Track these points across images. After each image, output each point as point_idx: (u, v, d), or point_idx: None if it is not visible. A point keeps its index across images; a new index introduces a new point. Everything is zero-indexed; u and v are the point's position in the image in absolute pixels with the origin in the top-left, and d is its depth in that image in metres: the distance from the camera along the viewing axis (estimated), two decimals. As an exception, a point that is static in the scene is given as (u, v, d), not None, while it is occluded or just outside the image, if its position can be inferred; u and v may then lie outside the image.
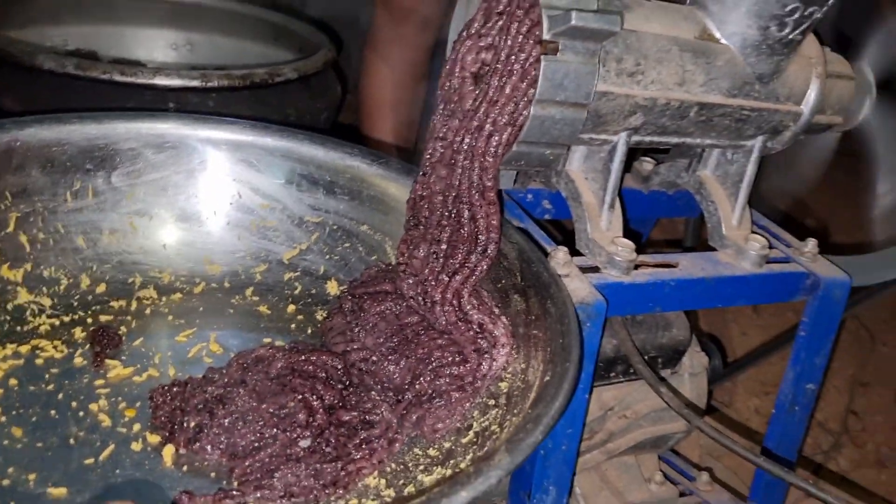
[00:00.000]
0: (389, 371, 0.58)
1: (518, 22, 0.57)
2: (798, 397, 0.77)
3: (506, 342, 0.58)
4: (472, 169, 0.60)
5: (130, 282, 0.67)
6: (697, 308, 0.74)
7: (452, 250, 0.61)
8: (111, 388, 0.56)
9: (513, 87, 0.58)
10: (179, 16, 1.38)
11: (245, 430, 0.50)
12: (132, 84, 0.91)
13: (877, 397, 1.27)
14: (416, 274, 0.62)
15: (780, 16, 0.65)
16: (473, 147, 0.60)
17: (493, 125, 0.59)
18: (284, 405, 0.52)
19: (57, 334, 0.60)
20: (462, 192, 0.61)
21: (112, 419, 0.53)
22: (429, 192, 0.64)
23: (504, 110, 0.58)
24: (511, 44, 0.58)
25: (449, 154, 0.62)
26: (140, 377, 0.58)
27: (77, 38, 1.28)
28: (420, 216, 0.64)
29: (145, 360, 0.60)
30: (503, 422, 0.52)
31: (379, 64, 1.29)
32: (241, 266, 0.71)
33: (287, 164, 0.72)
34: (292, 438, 0.50)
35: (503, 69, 0.58)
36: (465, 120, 0.60)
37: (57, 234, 0.64)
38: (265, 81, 1.00)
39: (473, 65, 0.61)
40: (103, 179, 0.66)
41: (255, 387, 0.53)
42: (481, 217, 0.61)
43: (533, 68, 0.57)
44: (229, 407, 0.51)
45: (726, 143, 0.73)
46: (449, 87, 0.62)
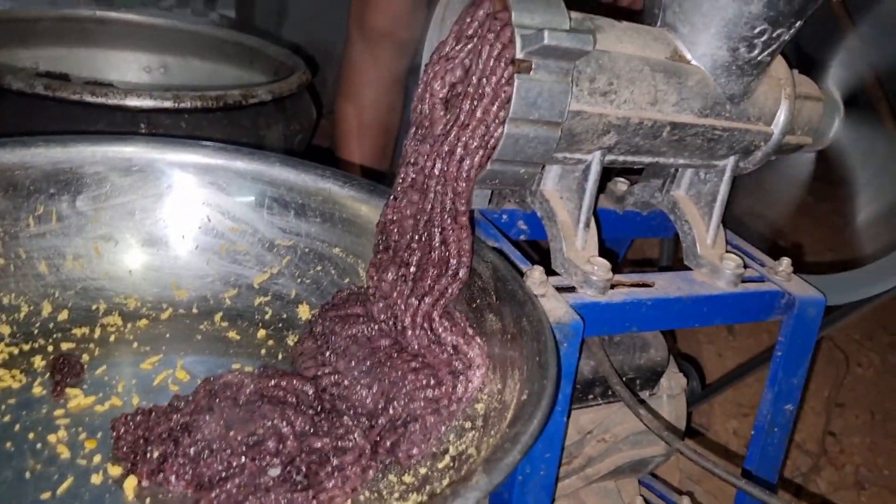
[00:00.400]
0: (362, 395, 0.56)
1: (489, 45, 0.57)
2: (777, 418, 0.77)
3: (481, 363, 0.57)
4: (444, 194, 0.60)
5: (94, 308, 0.65)
6: (674, 328, 0.73)
7: (422, 273, 0.60)
8: (71, 418, 0.54)
9: (483, 110, 0.57)
10: (154, 39, 1.36)
11: (212, 460, 0.48)
12: (102, 105, 0.89)
13: (853, 418, 1.28)
14: (386, 297, 0.60)
15: (748, 37, 0.66)
16: (445, 172, 0.59)
17: (464, 149, 0.58)
18: (253, 432, 0.50)
19: (15, 363, 0.58)
20: (434, 217, 0.60)
21: (71, 451, 0.51)
22: (399, 216, 0.63)
23: (475, 133, 0.58)
24: (482, 67, 0.58)
25: (421, 179, 0.62)
26: (102, 406, 0.56)
27: (49, 61, 1.26)
28: (390, 240, 0.63)
29: (108, 389, 0.57)
30: (480, 445, 0.51)
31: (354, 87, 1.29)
32: (209, 291, 0.70)
33: (257, 187, 0.71)
34: (261, 467, 0.48)
35: (474, 92, 0.58)
36: (436, 145, 0.60)
37: (18, 260, 0.62)
38: (239, 103, 0.98)
39: (443, 89, 0.61)
40: (68, 204, 0.64)
41: (222, 414, 0.51)
42: (453, 241, 0.60)
43: (503, 91, 0.57)
44: (195, 435, 0.49)
45: (699, 163, 0.74)
46: (420, 112, 0.62)
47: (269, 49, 1.31)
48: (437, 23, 0.66)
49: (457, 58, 0.61)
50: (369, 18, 1.26)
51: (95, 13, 1.33)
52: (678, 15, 0.67)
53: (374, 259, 0.63)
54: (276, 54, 1.29)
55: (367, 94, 1.28)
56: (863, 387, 1.38)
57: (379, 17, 1.25)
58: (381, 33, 1.25)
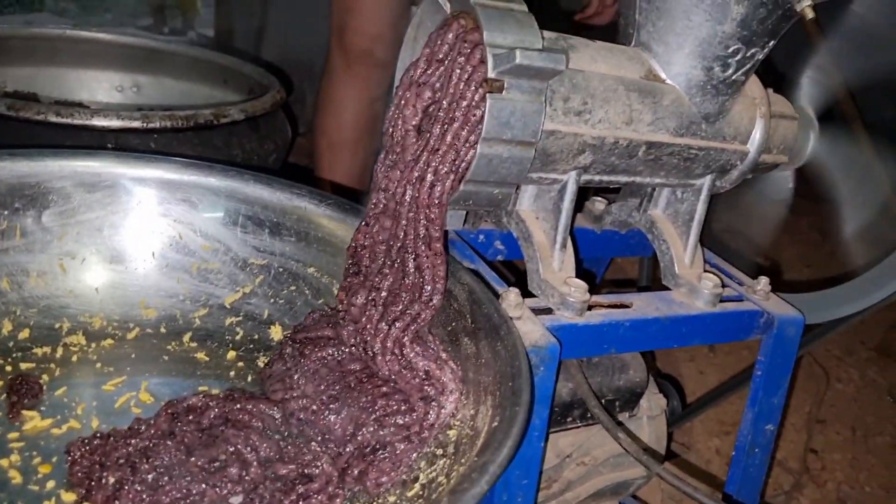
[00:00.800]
0: (330, 421, 0.55)
1: (459, 69, 0.57)
2: (757, 439, 0.76)
3: (454, 388, 0.56)
4: (417, 220, 0.59)
5: (57, 327, 0.63)
6: (653, 348, 0.73)
7: (393, 298, 0.59)
8: (26, 441, 0.52)
9: (453, 134, 0.57)
10: (126, 58, 1.36)
11: (170, 487, 0.46)
12: (69, 125, 0.88)
13: (834, 435, 1.28)
14: (355, 322, 0.59)
15: (723, 57, 0.66)
16: (417, 199, 0.59)
17: (434, 175, 0.58)
18: (215, 458, 0.48)
19: (-30, 383, 0.56)
20: (408, 243, 0.60)
21: (24, 476, 0.49)
22: (371, 241, 0.63)
23: (445, 159, 0.57)
24: (452, 91, 0.57)
25: (392, 205, 0.61)
26: (59, 429, 0.54)
27: (18, 80, 1.25)
28: (361, 264, 0.62)
29: (66, 411, 0.56)
30: (451, 473, 0.50)
31: (334, 104, 1.29)
32: (179, 310, 0.68)
33: (231, 205, 0.70)
34: (222, 495, 0.47)
35: (445, 117, 0.57)
36: (406, 171, 0.59)
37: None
38: (210, 122, 0.97)
39: (414, 117, 0.61)
40: (33, 219, 0.63)
41: (183, 438, 0.49)
42: (427, 267, 0.59)
43: (473, 115, 0.56)
44: (154, 461, 0.47)
45: (675, 182, 0.73)
46: (392, 137, 0.61)
47: (244, 67, 1.31)
48: (409, 42, 0.66)
49: (427, 83, 0.61)
50: (349, 36, 1.26)
51: (66, 32, 1.32)
52: (652, 34, 0.67)
53: (345, 283, 0.62)
54: (250, 73, 1.29)
55: (347, 111, 1.28)
56: (843, 403, 1.37)
57: (359, 36, 1.25)
58: (361, 51, 1.26)
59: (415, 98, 0.61)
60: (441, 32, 0.60)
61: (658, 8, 0.65)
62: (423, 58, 0.61)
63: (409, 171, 0.59)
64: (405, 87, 0.61)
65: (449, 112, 0.57)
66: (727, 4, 0.62)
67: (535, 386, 0.59)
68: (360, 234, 0.63)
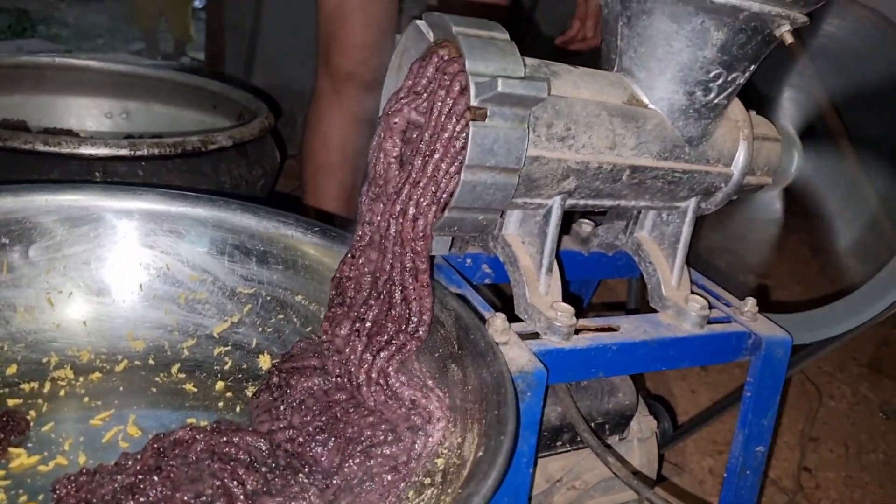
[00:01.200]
0: (317, 453, 0.55)
1: (440, 102, 0.57)
2: (748, 461, 0.76)
3: (441, 416, 0.56)
4: (403, 253, 0.59)
5: (45, 361, 0.63)
6: (641, 371, 0.73)
7: (378, 329, 0.60)
8: (12, 479, 0.52)
9: (434, 166, 0.57)
10: (115, 85, 1.37)
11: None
12: (56, 154, 0.88)
13: (828, 452, 1.27)
14: (339, 352, 0.59)
15: (704, 81, 0.66)
16: (401, 232, 0.59)
17: (416, 208, 0.58)
18: (201, 493, 0.48)
19: (-43, 421, 0.56)
20: (394, 276, 0.60)
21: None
22: (356, 273, 0.63)
23: (426, 191, 0.58)
24: (434, 124, 0.58)
25: (378, 238, 0.61)
26: (46, 466, 0.54)
27: (7, 108, 1.26)
28: (345, 296, 0.62)
29: (53, 448, 0.56)
30: (439, 502, 0.50)
31: (321, 126, 1.29)
32: (167, 341, 0.68)
33: (218, 235, 0.70)
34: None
35: (426, 149, 0.58)
36: (389, 204, 0.60)
37: (-34, 313, 0.60)
38: (198, 149, 0.97)
39: (395, 148, 0.61)
40: (20, 254, 0.63)
41: (169, 473, 0.49)
42: (414, 299, 0.59)
43: (454, 146, 0.57)
44: (140, 497, 0.47)
45: (661, 205, 0.74)
46: (374, 170, 0.62)
47: (233, 93, 1.32)
48: (393, 70, 0.66)
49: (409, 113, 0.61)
50: (336, 59, 1.27)
51: (54, 60, 1.33)
52: (634, 60, 0.68)
53: (329, 313, 0.63)
54: (239, 98, 1.30)
55: (334, 133, 1.29)
56: (836, 420, 1.37)
57: (345, 58, 1.26)
58: (347, 73, 1.27)
59: (395, 131, 0.62)
60: (423, 62, 0.60)
61: (639, 34, 0.66)
62: (404, 87, 0.62)
63: (391, 204, 0.59)
64: (387, 114, 0.62)
65: (430, 143, 0.58)
66: (707, 31, 0.63)
67: (523, 412, 0.59)
68: (345, 266, 0.63)
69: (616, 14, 0.68)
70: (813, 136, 0.82)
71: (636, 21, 0.66)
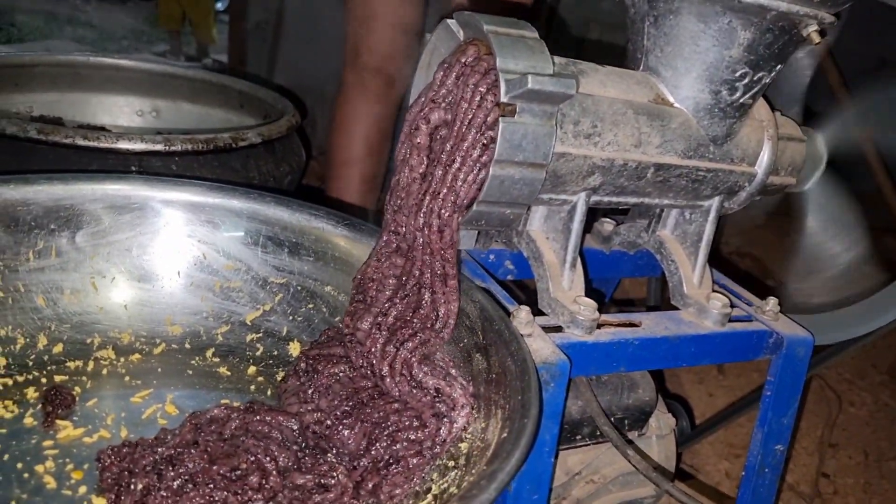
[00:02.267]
0: (344, 436, 0.57)
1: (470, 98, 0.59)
2: (767, 459, 0.76)
3: (465, 402, 0.58)
4: (433, 262, 0.61)
5: (89, 342, 0.66)
6: (662, 367, 0.74)
7: (403, 324, 0.61)
8: (60, 449, 0.54)
9: (453, 175, 0.59)
10: (146, 83, 1.40)
11: (194, 493, 0.48)
12: (95, 148, 0.91)
13: (847, 459, 1.27)
14: (361, 345, 0.61)
15: (730, 81, 0.67)
16: (429, 244, 0.61)
17: (439, 219, 0.60)
18: (237, 467, 0.50)
19: (9, 394, 0.59)
20: (424, 281, 0.62)
21: (58, 481, 0.52)
22: (380, 275, 0.65)
23: (447, 201, 0.60)
24: (463, 120, 0.59)
25: (404, 246, 0.63)
26: (91, 438, 0.56)
27: (43, 105, 1.29)
28: (367, 295, 0.64)
29: (97, 422, 0.58)
30: (462, 483, 0.51)
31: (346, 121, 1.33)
32: (202, 327, 0.71)
33: (253, 226, 0.72)
34: (243, 502, 0.48)
35: (446, 159, 0.60)
36: (411, 216, 0.62)
37: (17, 293, 0.63)
38: (229, 146, 1.00)
39: (420, 166, 0.63)
40: (67, 240, 0.66)
41: (206, 448, 0.51)
42: (442, 303, 0.61)
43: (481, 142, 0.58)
44: (179, 468, 0.49)
45: (684, 203, 0.75)
46: (398, 182, 0.64)
47: (259, 92, 1.35)
48: (423, 68, 0.68)
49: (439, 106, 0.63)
50: (362, 56, 1.30)
51: (90, 59, 1.37)
52: (660, 59, 0.69)
53: (350, 308, 0.65)
54: (265, 97, 1.32)
55: (359, 127, 1.32)
56: (856, 426, 1.36)
57: (372, 56, 1.29)
58: (374, 71, 1.30)
59: (425, 121, 0.63)
60: (454, 58, 0.62)
61: (666, 34, 0.68)
62: (435, 82, 0.63)
63: (413, 215, 0.61)
64: (418, 107, 0.64)
65: (451, 156, 0.60)
66: (734, 30, 0.64)
67: (546, 402, 0.60)
68: (368, 269, 0.65)
69: (643, 14, 0.69)
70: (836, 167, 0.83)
71: (663, 20, 0.67)
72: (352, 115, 1.34)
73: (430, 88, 0.63)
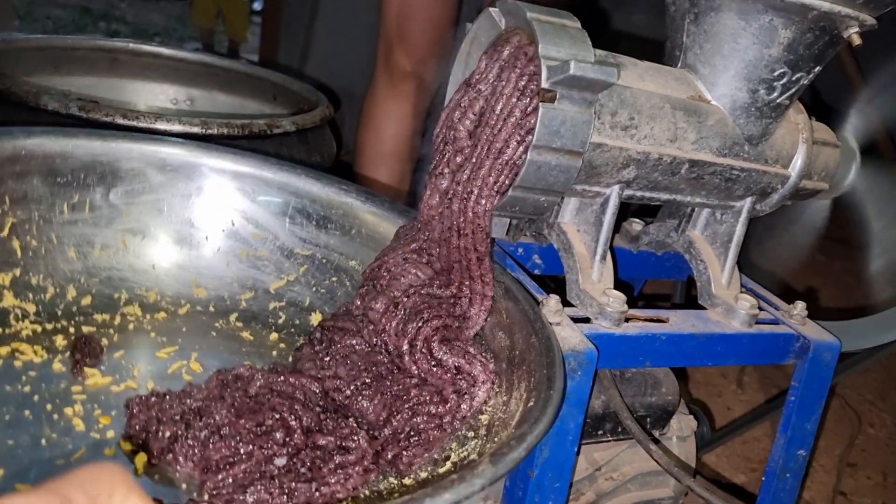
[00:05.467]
0: (363, 406, 0.56)
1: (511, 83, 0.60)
2: (789, 464, 0.75)
3: (486, 378, 0.57)
4: (466, 248, 0.62)
5: (116, 297, 0.66)
6: (688, 364, 0.73)
7: (427, 306, 0.61)
8: (88, 395, 0.55)
9: (491, 161, 0.60)
10: (181, 72, 1.42)
11: (220, 444, 0.48)
12: (134, 128, 0.92)
13: (865, 479, 1.25)
14: (374, 325, 0.61)
15: (768, 80, 0.68)
16: (463, 229, 0.62)
17: (475, 203, 0.61)
18: (262, 422, 0.50)
19: (38, 340, 0.59)
20: (456, 268, 0.62)
21: (86, 424, 0.52)
22: (399, 268, 0.65)
23: (484, 186, 0.61)
24: (496, 120, 0.60)
25: (435, 236, 0.64)
26: (118, 387, 0.56)
27: (80, 88, 1.31)
28: (378, 283, 0.64)
29: (124, 372, 0.58)
30: (482, 451, 0.51)
31: (376, 120, 1.34)
32: (227, 292, 0.71)
33: (283, 197, 0.73)
34: (268, 456, 0.48)
35: (485, 144, 0.60)
36: (447, 201, 0.63)
37: (49, 244, 0.63)
38: (263, 132, 1.02)
39: (460, 154, 0.64)
40: (101, 195, 0.66)
41: (233, 402, 0.51)
42: (478, 293, 0.62)
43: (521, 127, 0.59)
44: (206, 420, 0.49)
45: (716, 203, 0.75)
46: (435, 169, 0.64)
47: (293, 84, 1.36)
48: (462, 57, 0.69)
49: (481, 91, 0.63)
50: (397, 58, 1.32)
51: (128, 45, 1.39)
52: (699, 56, 0.69)
53: (360, 291, 0.65)
54: (299, 89, 1.34)
55: (389, 127, 1.34)
56: (875, 448, 1.35)
57: (406, 58, 1.31)
58: (407, 72, 1.31)
59: (467, 104, 0.64)
60: (497, 45, 0.63)
61: (706, 31, 0.68)
62: (479, 70, 0.64)
63: (450, 201, 0.62)
64: (459, 93, 0.64)
65: (498, 121, 0.60)
66: (775, 29, 0.65)
67: (572, 391, 0.60)
68: (389, 262, 0.65)
69: (683, 11, 0.69)
70: (873, 154, 0.83)
71: (703, 17, 0.68)
72: (382, 114, 1.35)
73: (473, 76, 0.64)
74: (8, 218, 0.61)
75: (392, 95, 1.33)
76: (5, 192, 0.60)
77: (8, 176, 0.60)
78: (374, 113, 1.35)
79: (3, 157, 0.60)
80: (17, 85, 0.96)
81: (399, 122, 1.34)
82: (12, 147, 0.60)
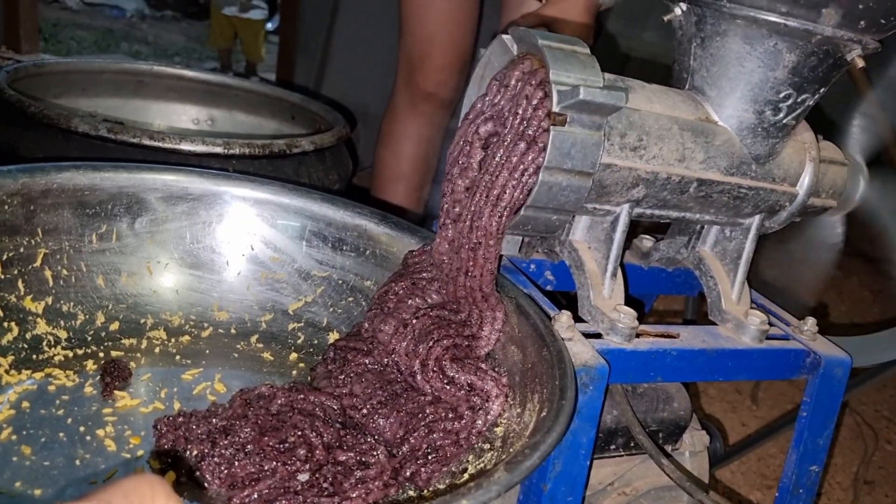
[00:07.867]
0: (380, 425, 0.58)
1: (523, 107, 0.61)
2: (802, 480, 0.76)
3: (499, 392, 0.59)
4: (478, 268, 0.64)
5: (142, 322, 0.69)
6: (699, 380, 0.74)
7: (437, 327, 0.63)
8: (118, 416, 0.57)
9: (503, 180, 0.62)
10: (203, 93, 1.46)
11: (246, 462, 0.50)
12: (159, 148, 0.96)
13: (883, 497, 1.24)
14: (384, 346, 0.63)
15: (774, 101, 0.69)
16: (476, 248, 0.63)
17: (487, 222, 0.62)
18: (285, 440, 0.52)
19: (70, 365, 0.61)
20: (467, 288, 0.64)
21: (117, 445, 0.54)
22: (407, 293, 0.67)
23: (497, 206, 0.62)
24: (508, 142, 0.62)
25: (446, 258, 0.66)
26: (146, 409, 0.59)
27: (107, 109, 1.36)
28: (385, 306, 0.66)
29: (152, 394, 0.61)
30: (499, 462, 0.53)
31: (394, 138, 1.37)
32: (248, 314, 0.73)
33: (300, 221, 0.75)
34: (292, 472, 0.50)
35: (497, 165, 0.62)
36: (459, 221, 0.65)
37: (79, 273, 0.66)
38: (283, 151, 1.05)
39: (472, 172, 0.66)
40: (127, 225, 0.69)
41: (256, 420, 0.53)
42: (487, 312, 0.63)
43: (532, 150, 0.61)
44: (231, 438, 0.51)
45: (724, 220, 0.76)
46: (448, 189, 0.66)
47: (311, 105, 1.39)
48: (476, 80, 0.71)
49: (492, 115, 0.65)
50: (417, 79, 1.34)
51: (153, 68, 1.43)
52: (706, 79, 0.71)
53: (368, 314, 0.67)
54: (317, 110, 1.37)
55: (407, 146, 1.36)
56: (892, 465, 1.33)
57: (427, 80, 1.34)
58: (428, 94, 1.34)
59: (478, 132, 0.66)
60: (508, 70, 0.65)
61: (712, 54, 0.70)
62: (490, 94, 0.66)
63: (462, 220, 0.63)
64: (471, 119, 0.66)
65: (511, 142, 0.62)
66: (779, 52, 0.66)
67: (584, 405, 0.61)
68: (398, 287, 0.67)
69: (690, 35, 0.71)
70: (880, 165, 0.83)
71: (710, 42, 0.69)
72: (401, 134, 1.38)
73: (484, 99, 0.66)
74: (41, 249, 0.63)
75: (412, 115, 1.36)
76: (38, 224, 0.63)
77: (41, 209, 0.63)
78: (394, 131, 1.38)
79: (36, 191, 0.63)
80: (49, 108, 1.00)
81: (418, 143, 1.37)
82: (45, 182, 0.63)
